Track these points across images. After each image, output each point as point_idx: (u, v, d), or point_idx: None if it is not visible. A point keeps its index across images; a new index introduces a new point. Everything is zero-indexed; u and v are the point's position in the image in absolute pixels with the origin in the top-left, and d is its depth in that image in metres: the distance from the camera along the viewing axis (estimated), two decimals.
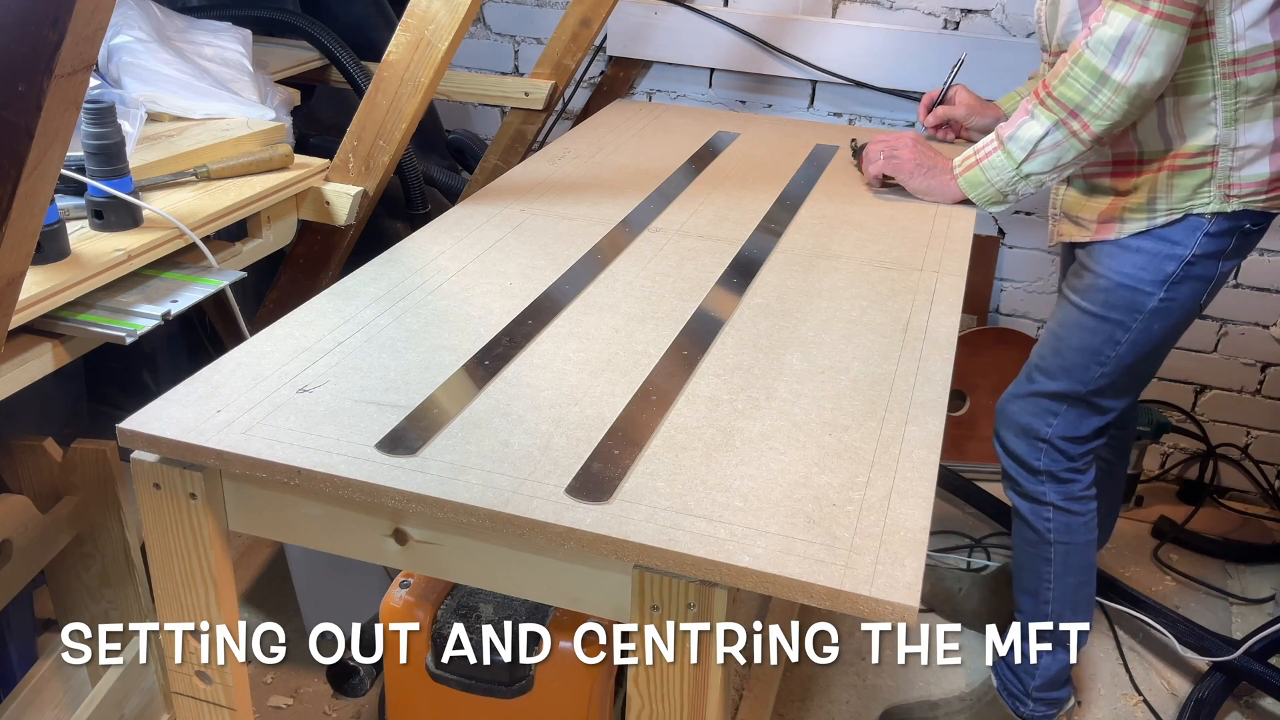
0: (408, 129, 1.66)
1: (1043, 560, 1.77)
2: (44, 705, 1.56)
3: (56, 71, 0.77)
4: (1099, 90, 1.44)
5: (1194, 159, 1.53)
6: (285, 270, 1.91)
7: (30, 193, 0.85)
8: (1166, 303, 1.59)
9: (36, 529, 1.46)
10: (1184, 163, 1.53)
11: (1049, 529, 1.75)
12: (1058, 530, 1.75)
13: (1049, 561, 1.76)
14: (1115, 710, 1.97)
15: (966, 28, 2.39)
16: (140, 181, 1.45)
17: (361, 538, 1.02)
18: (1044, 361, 1.70)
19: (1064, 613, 1.79)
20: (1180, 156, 1.53)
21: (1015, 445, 1.73)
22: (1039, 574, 1.78)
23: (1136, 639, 2.14)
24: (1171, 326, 1.63)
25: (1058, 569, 1.76)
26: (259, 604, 2.09)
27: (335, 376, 1.13)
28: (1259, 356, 2.48)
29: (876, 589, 0.85)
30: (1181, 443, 2.60)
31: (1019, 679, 1.82)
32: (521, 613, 1.20)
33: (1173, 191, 1.55)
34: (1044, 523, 1.75)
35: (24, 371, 1.24)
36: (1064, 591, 1.77)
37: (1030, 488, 1.74)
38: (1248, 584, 2.33)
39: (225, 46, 1.91)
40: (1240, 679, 1.97)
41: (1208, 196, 1.53)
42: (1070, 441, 1.71)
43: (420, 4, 1.56)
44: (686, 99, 2.64)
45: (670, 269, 1.45)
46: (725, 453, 1.02)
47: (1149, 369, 1.74)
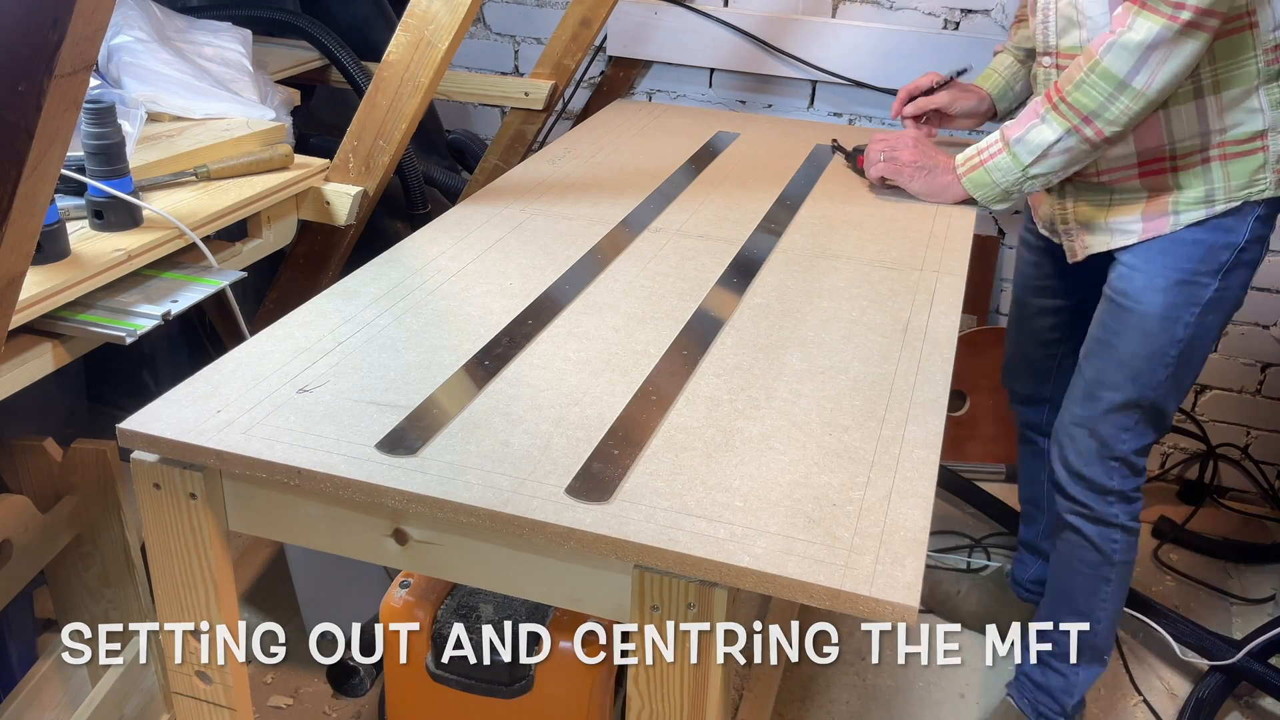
0: (408, 129, 1.66)
1: (1103, 581, 1.72)
2: (44, 705, 1.56)
3: (56, 71, 0.77)
4: (1117, 98, 1.42)
5: (1244, 144, 1.52)
6: (285, 270, 1.91)
7: (30, 193, 0.85)
8: (1221, 292, 1.58)
9: (36, 529, 1.46)
10: (1235, 150, 1.52)
11: (1115, 550, 1.69)
12: (1123, 550, 1.70)
13: (1109, 582, 1.72)
14: (1115, 710, 1.97)
15: (966, 28, 2.39)
16: (140, 181, 1.45)
17: (361, 538, 1.02)
18: (1105, 375, 1.63)
19: (1111, 630, 1.77)
20: (1229, 145, 1.52)
21: (1087, 469, 1.66)
22: (1095, 594, 1.73)
23: (1136, 639, 2.14)
24: (1224, 317, 1.63)
25: (1116, 588, 1.73)
26: (259, 604, 2.09)
27: (335, 376, 1.13)
28: (1259, 356, 2.48)
29: (876, 589, 0.85)
30: (1181, 443, 2.60)
31: (1055, 700, 1.79)
32: (521, 613, 1.20)
33: (1230, 179, 1.53)
34: (1111, 544, 1.69)
35: (24, 371, 1.24)
36: (1116, 609, 1.75)
37: (1101, 510, 1.67)
38: (1248, 584, 2.33)
39: (225, 46, 1.91)
40: (1240, 679, 1.97)
41: (1264, 182, 1.53)
42: (1141, 454, 1.67)
43: (420, 4, 1.56)
44: (686, 99, 2.64)
45: (670, 269, 1.45)
46: (725, 453, 1.02)
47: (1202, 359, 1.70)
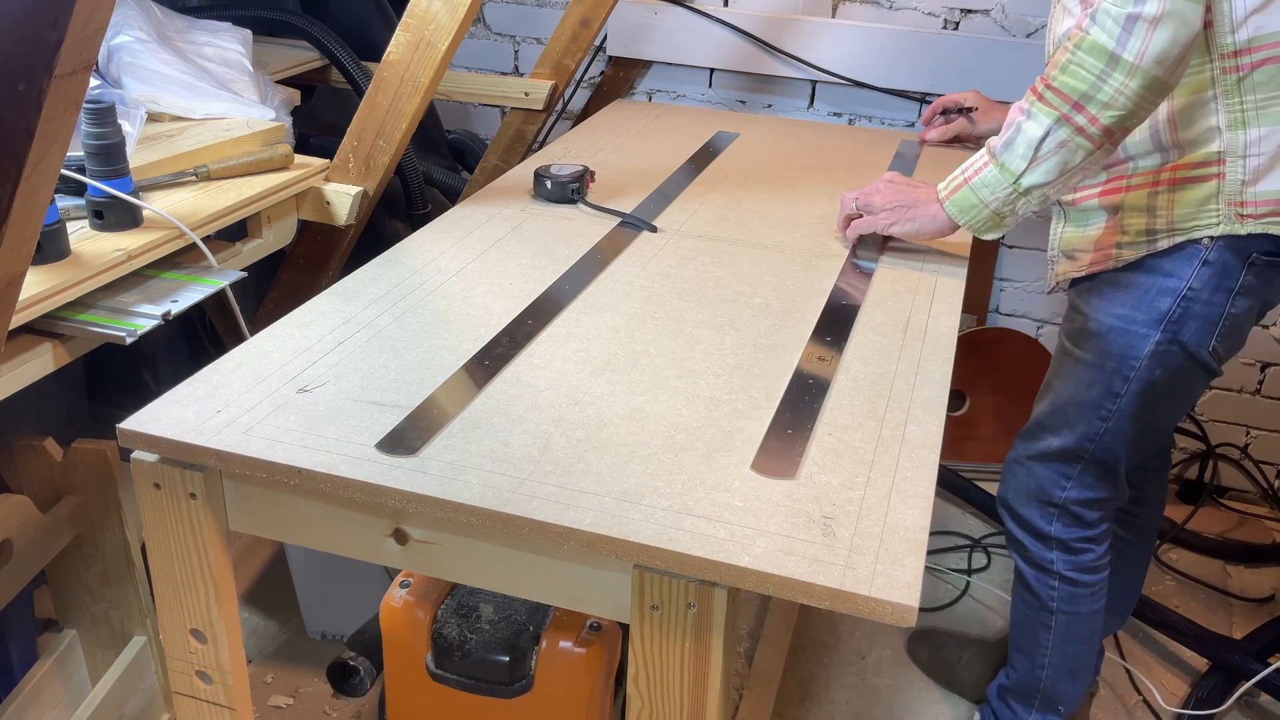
0: (408, 129, 1.66)
1: (1042, 627, 1.62)
2: (44, 705, 1.56)
3: (56, 71, 0.77)
4: (1109, 74, 1.19)
5: (1197, 169, 1.32)
6: (285, 270, 1.91)
7: (30, 193, 0.85)
8: (1166, 346, 1.38)
9: (36, 529, 1.46)
10: (1185, 174, 1.32)
11: (1052, 598, 1.59)
12: (1062, 600, 1.59)
13: (1049, 629, 1.62)
14: (1115, 710, 1.97)
15: (966, 28, 2.39)
16: (140, 181, 1.45)
17: (361, 538, 1.02)
18: (1045, 417, 1.52)
19: (1060, 680, 1.65)
20: (1181, 168, 1.32)
21: (1024, 509, 1.56)
22: (1036, 639, 1.64)
23: (1136, 639, 2.14)
24: (1178, 374, 1.41)
25: (1057, 637, 1.62)
26: (259, 604, 2.09)
27: (335, 376, 1.13)
28: (1259, 356, 2.48)
29: (876, 589, 0.85)
30: (1181, 442, 2.60)
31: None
32: (521, 613, 1.20)
33: (1174, 208, 1.33)
34: (1048, 591, 1.59)
35: (24, 371, 1.24)
36: (1062, 659, 1.63)
37: (1037, 554, 1.57)
38: (1248, 584, 2.33)
39: (225, 46, 1.91)
40: (1240, 679, 1.97)
41: (1214, 215, 1.31)
42: (1085, 506, 1.53)
43: (420, 4, 1.56)
44: (686, 99, 2.65)
45: (670, 269, 1.45)
46: (725, 453, 1.02)
47: (1163, 422, 1.53)
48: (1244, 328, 1.40)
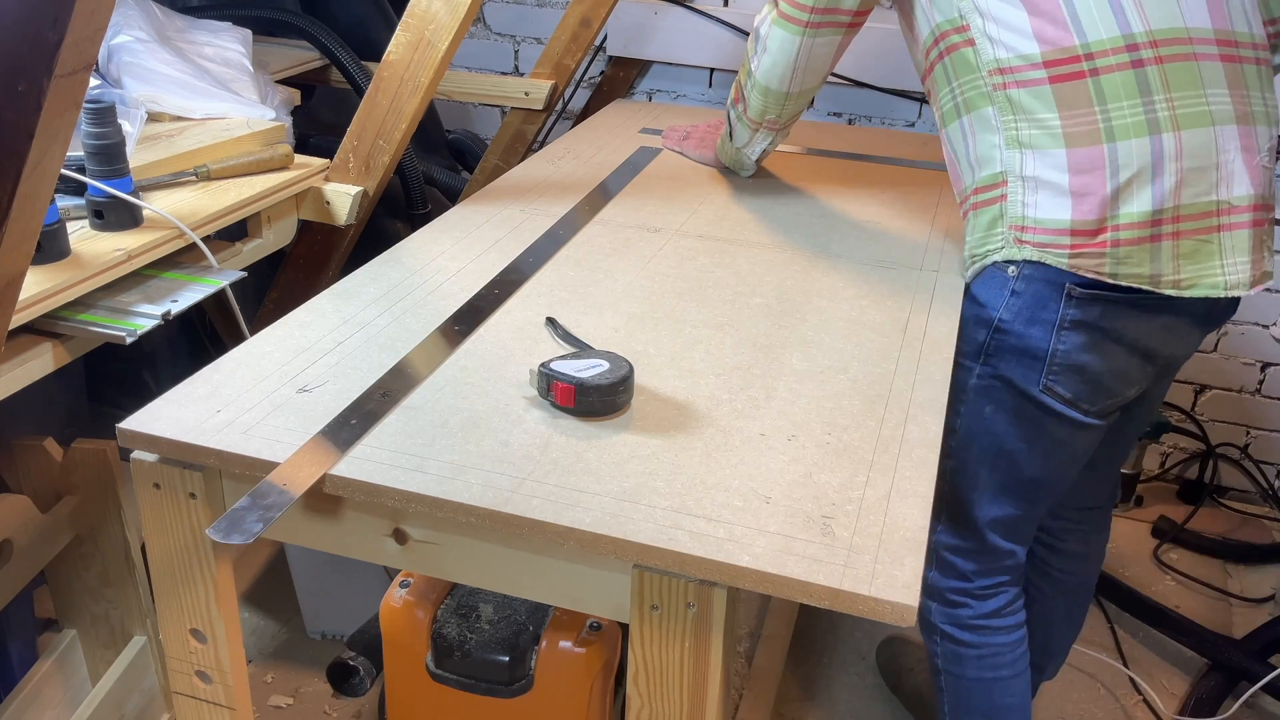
0: (408, 129, 1.66)
1: (936, 688, 1.49)
2: (44, 705, 1.56)
3: (56, 71, 0.77)
4: (747, 77, 1.53)
5: (987, 191, 1.27)
6: (285, 270, 1.91)
7: (30, 193, 0.85)
8: (989, 381, 1.29)
9: (36, 529, 1.46)
10: (982, 197, 1.28)
11: (935, 654, 1.46)
12: (945, 659, 1.45)
13: (941, 690, 1.48)
14: (1115, 710, 1.97)
15: None
16: (140, 181, 1.45)
17: (361, 538, 1.02)
18: None
19: None
20: (980, 190, 1.28)
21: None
22: (935, 694, 1.50)
23: (1136, 639, 2.14)
24: (1018, 415, 1.29)
25: (950, 703, 1.47)
26: (259, 604, 2.09)
27: (335, 376, 1.13)
28: (1259, 356, 2.48)
29: (876, 588, 0.85)
30: (1181, 442, 2.60)
31: None
32: (521, 613, 1.20)
33: (975, 231, 1.30)
34: (932, 645, 1.46)
35: (24, 371, 1.24)
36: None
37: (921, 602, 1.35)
38: (1248, 584, 2.33)
39: (225, 46, 1.91)
40: (1240, 679, 1.97)
41: (999, 239, 1.25)
42: (955, 554, 1.41)
43: (420, 4, 1.56)
44: (686, 99, 2.65)
45: (670, 269, 1.45)
46: (725, 453, 1.03)
47: (1034, 471, 1.33)
48: (1093, 368, 1.25)
